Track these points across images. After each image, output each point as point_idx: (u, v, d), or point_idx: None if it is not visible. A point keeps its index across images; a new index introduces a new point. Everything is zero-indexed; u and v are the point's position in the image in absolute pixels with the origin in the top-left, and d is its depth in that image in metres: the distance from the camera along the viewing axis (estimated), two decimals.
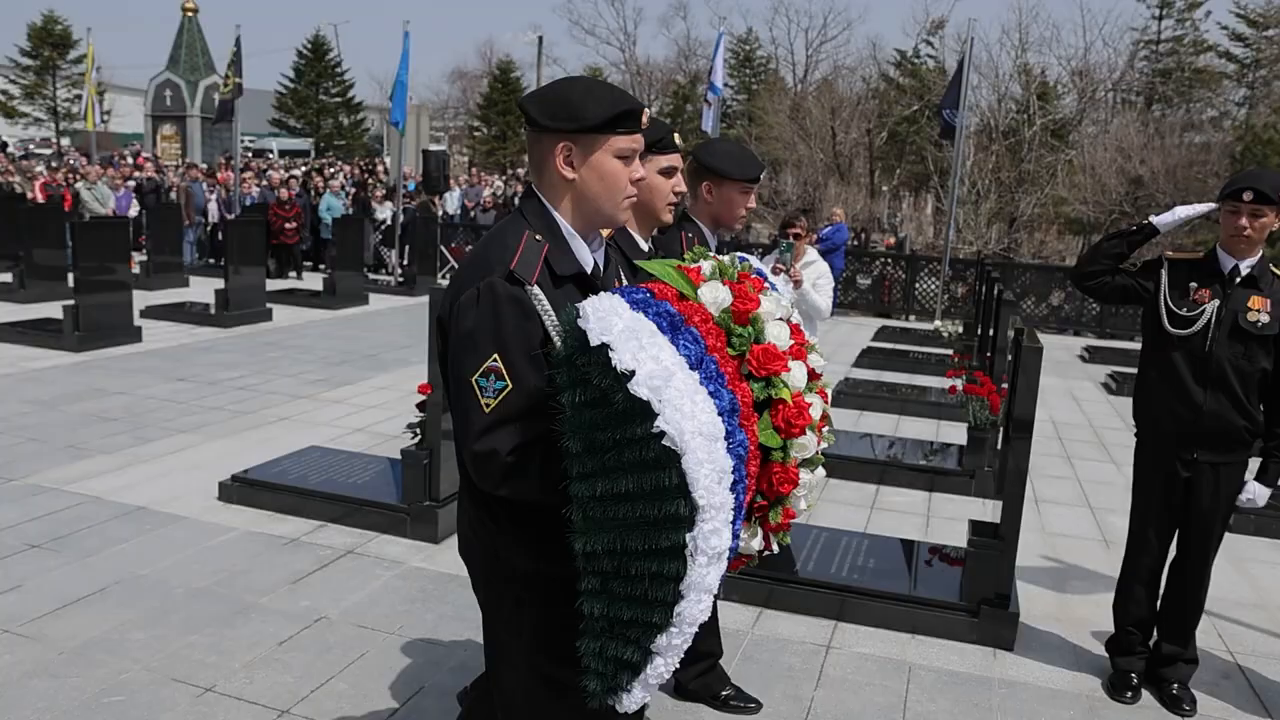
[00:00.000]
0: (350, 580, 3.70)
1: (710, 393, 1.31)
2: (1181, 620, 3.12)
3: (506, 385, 1.47)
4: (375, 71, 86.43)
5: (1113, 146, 20.78)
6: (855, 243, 17.76)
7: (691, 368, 1.32)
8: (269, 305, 9.90)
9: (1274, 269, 2.97)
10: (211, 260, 14.04)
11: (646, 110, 1.63)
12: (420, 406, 4.34)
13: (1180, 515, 3.08)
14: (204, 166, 18.89)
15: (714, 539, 1.26)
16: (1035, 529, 4.71)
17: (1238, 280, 2.93)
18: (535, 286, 1.51)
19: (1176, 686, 3.10)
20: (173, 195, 14.83)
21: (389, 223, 14.53)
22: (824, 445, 1.51)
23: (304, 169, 19.97)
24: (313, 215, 14.48)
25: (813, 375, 1.52)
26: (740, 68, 33.00)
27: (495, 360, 1.47)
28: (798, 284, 4.28)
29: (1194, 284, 2.97)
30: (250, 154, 26.76)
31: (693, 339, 1.35)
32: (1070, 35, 35.68)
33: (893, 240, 19.70)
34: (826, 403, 1.55)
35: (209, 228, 14.74)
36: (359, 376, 7.41)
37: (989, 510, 4.85)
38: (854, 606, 3.54)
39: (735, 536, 1.35)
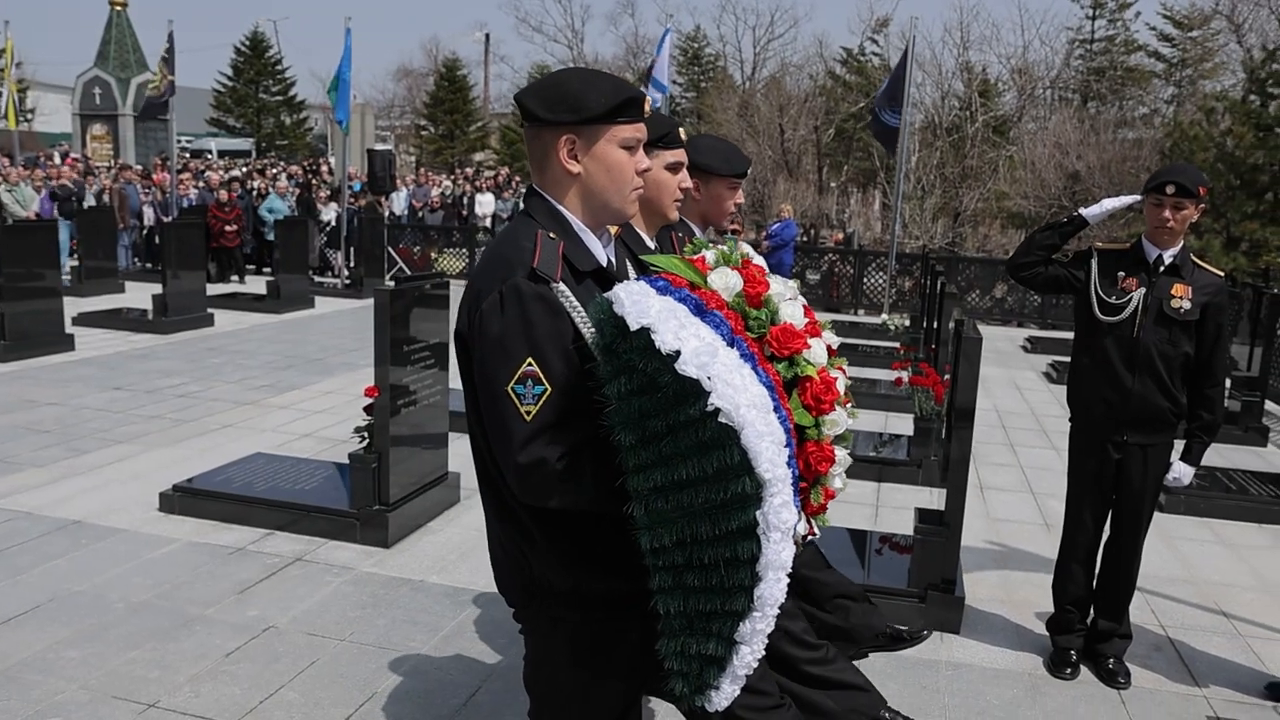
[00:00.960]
0: (299, 588, 3.63)
1: (751, 368, 1.28)
2: (1116, 597, 3.25)
3: (545, 389, 1.39)
4: (317, 69, 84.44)
5: (1051, 142, 21.35)
6: (804, 238, 17.99)
7: (728, 346, 1.29)
8: (210, 310, 9.66)
9: (1195, 259, 3.11)
10: (148, 265, 13.62)
11: (648, 98, 1.59)
12: (368, 410, 4.27)
13: (1112, 496, 3.21)
14: (138, 168, 18.28)
15: (784, 512, 1.21)
16: (980, 515, 4.84)
17: (1162, 269, 3.06)
18: (560, 283, 1.45)
19: (1112, 661, 3.22)
20: (105, 198, 14.32)
21: (334, 224, 14.25)
22: (851, 421, 1.49)
23: (244, 169, 19.46)
24: (254, 217, 14.13)
25: (831, 352, 1.50)
26: (689, 65, 33.08)
27: (530, 364, 1.40)
28: None
29: (1122, 273, 3.10)
30: (188, 154, 25.94)
31: (719, 321, 1.33)
32: (1010, 34, 36.60)
33: (841, 236, 19.95)
34: (846, 378, 1.53)
35: (145, 231, 14.28)
36: (305, 381, 7.27)
37: (935, 499, 4.96)
38: None
39: (797, 513, 1.29)
